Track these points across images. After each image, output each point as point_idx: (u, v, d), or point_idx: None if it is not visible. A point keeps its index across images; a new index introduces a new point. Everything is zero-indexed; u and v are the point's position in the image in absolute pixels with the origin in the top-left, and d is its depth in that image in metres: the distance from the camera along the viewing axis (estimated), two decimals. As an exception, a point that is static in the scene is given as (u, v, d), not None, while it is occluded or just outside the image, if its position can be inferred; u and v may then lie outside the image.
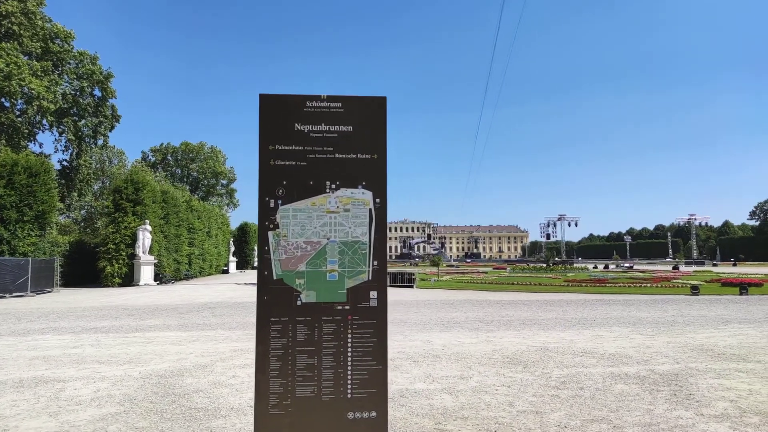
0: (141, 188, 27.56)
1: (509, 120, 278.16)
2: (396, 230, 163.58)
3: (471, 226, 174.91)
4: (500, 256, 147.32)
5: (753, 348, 7.36)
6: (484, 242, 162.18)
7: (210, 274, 40.59)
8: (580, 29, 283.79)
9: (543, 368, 5.99)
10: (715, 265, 58.15)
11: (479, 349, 7.32)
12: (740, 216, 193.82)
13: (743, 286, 18.33)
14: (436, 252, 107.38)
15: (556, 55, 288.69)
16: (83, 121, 39.74)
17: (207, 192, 74.44)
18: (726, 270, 41.98)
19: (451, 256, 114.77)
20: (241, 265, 55.50)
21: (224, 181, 76.66)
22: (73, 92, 38.52)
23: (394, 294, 19.31)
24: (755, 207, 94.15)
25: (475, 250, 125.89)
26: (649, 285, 22.76)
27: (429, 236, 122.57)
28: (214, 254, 42.17)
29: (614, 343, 7.82)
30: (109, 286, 24.94)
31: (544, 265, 45.09)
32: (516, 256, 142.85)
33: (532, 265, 54.60)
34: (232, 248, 49.07)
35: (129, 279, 26.37)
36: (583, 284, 23.50)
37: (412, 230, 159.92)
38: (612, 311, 12.54)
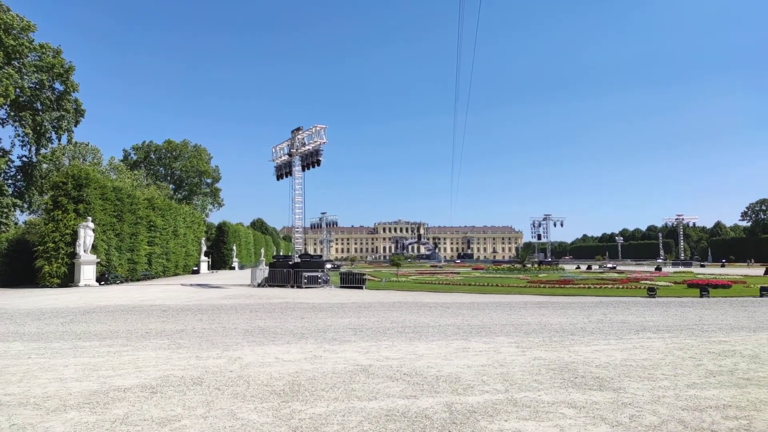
0: (85, 185, 26.10)
1: (505, 120, 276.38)
2: (389, 230, 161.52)
3: (465, 226, 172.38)
4: (494, 256, 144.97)
5: (633, 368, 5.69)
6: (478, 243, 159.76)
7: (176, 274, 38.95)
8: (568, 27, 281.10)
9: (299, 404, 4.31)
10: (702, 266, 56.26)
11: (284, 369, 5.69)
12: (732, 217, 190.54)
13: (704, 288, 16.67)
14: (429, 252, 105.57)
15: (552, 55, 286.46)
16: (43, 116, 38.23)
17: (190, 191, 72.76)
18: (710, 271, 40.16)
19: (443, 257, 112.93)
20: (218, 265, 53.66)
21: (208, 180, 75.04)
22: (31, 86, 37.07)
23: (330, 297, 17.69)
24: (747, 208, 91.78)
25: (468, 251, 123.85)
26: (610, 286, 21.12)
27: (419, 236, 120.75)
28: (182, 254, 40.49)
29: (469, 359, 6.16)
30: (47, 287, 23.50)
31: (520, 265, 43.53)
32: (510, 256, 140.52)
33: (516, 265, 52.82)
34: (204, 248, 47.12)
35: (69, 279, 24.89)
36: (543, 285, 21.82)
37: (406, 231, 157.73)
38: (528, 316, 10.89)
